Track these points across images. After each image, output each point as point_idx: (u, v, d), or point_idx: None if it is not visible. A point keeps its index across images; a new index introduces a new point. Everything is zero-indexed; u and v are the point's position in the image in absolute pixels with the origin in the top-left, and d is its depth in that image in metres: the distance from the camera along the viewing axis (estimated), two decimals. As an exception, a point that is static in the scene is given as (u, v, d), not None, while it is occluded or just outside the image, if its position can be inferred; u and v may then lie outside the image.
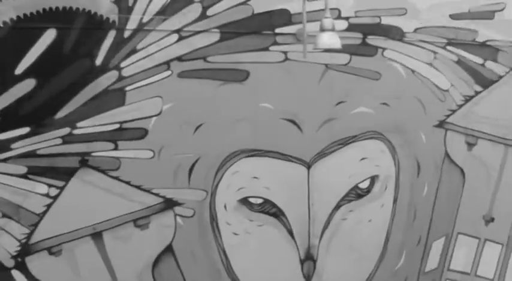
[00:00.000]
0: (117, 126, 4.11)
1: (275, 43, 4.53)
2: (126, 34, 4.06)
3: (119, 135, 4.13)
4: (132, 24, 4.07)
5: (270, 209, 4.64)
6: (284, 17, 4.54)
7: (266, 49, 4.51)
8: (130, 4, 4.04)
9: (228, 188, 4.48)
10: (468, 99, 5.43)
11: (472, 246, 5.79)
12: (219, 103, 4.40)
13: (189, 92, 4.30)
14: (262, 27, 4.48)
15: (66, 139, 3.98)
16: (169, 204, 4.33)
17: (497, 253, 5.95)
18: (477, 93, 5.48)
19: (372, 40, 4.88)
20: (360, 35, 4.82)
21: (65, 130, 3.96)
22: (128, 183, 4.18)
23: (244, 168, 4.51)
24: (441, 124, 5.34)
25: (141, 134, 4.19)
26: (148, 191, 4.24)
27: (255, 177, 4.57)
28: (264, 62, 4.50)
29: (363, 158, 4.95)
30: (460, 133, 5.46)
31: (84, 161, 4.04)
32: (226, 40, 4.38)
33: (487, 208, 5.80)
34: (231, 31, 4.38)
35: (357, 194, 4.99)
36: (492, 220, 5.84)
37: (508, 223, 5.95)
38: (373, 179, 5.03)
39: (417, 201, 5.33)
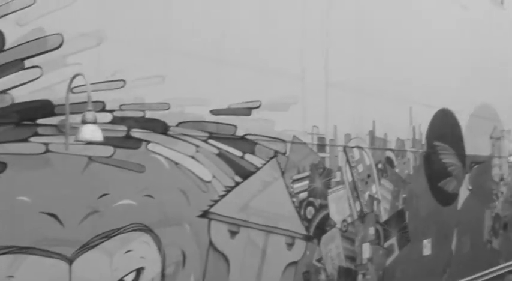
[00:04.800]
0: None
1: (36, 134, 4.39)
2: None
3: None
4: None
5: (28, 310, 4.35)
6: (46, 107, 4.45)
7: (26, 140, 4.35)
8: None
9: (-21, 290, 4.13)
10: (229, 189, 5.72)
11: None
12: (-28, 197, 4.11)
13: None
14: (22, 117, 4.33)
15: None
16: None
17: None
18: (237, 183, 5.80)
19: (136, 133, 4.96)
20: (124, 128, 4.87)
21: None
22: None
23: (-2, 267, 4.20)
24: (205, 214, 5.52)
25: None
26: None
27: (10, 276, 4.25)
28: (23, 153, 4.32)
29: (127, 251, 4.89)
30: (223, 222, 5.68)
31: None
32: (-18, 130, 4.16)
33: (252, 292, 6.04)
34: (-13, 121, 4.17)
35: (122, 287, 4.89)
36: (257, 304, 6.08)
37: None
38: (139, 271, 4.98)
39: (184, 291, 5.38)
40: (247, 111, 5.90)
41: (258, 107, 6.00)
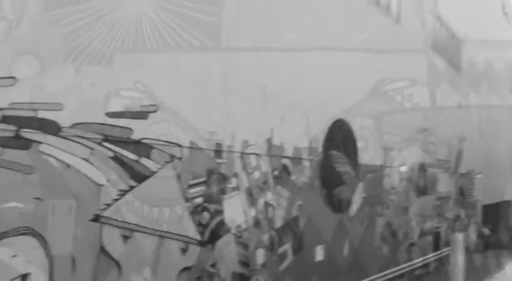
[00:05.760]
0: None
1: None
2: None
3: None
4: None
5: None
6: None
7: None
8: None
9: None
10: (123, 193, 5.62)
11: None
12: None
13: None
14: None
15: None
16: None
17: None
18: (132, 187, 5.72)
19: (26, 133, 4.78)
20: (13, 128, 4.69)
21: None
22: None
23: None
24: (96, 218, 5.39)
25: None
26: None
27: None
28: None
29: (13, 256, 4.69)
30: (115, 227, 5.58)
31: None
32: None
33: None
34: None
35: (6, 295, 4.68)
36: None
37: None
38: (24, 277, 4.79)
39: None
40: (143, 114, 5.83)
41: (155, 112, 5.95)
